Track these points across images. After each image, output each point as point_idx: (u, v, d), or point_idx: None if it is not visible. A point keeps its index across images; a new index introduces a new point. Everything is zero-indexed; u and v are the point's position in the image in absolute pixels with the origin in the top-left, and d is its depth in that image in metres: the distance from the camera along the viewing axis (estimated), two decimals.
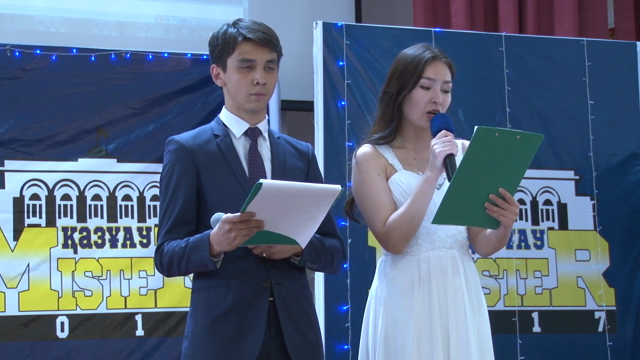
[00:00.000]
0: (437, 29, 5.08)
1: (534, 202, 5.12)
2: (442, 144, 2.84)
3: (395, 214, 2.92)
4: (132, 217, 4.83)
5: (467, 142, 3.10)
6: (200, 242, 2.69)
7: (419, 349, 2.90)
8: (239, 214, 2.56)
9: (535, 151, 2.79)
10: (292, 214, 2.59)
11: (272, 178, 2.81)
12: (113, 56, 4.89)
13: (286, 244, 2.69)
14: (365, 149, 3.05)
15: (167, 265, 2.77)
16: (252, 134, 2.88)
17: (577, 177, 5.17)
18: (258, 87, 2.81)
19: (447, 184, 2.91)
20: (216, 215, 2.64)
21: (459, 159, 2.98)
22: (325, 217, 2.68)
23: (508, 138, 2.74)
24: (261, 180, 2.49)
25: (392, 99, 3.02)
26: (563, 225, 5.14)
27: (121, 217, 4.82)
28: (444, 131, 2.88)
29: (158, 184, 4.79)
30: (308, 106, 5.00)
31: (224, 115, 2.91)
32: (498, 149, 2.73)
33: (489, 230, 2.96)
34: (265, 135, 2.91)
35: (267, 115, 2.97)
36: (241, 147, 2.86)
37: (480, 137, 2.70)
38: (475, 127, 2.71)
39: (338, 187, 2.60)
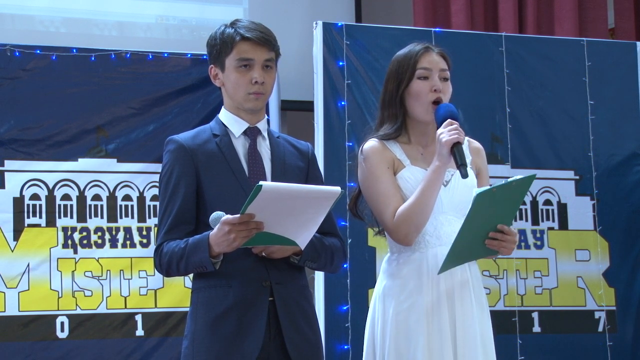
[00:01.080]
0: (437, 29, 5.08)
1: (534, 202, 5.12)
2: (449, 132, 2.84)
3: (404, 205, 2.91)
4: (132, 217, 4.83)
5: (473, 141, 3.12)
6: (199, 243, 2.69)
7: (430, 348, 2.90)
8: (238, 215, 2.56)
9: (528, 188, 2.89)
10: (291, 216, 2.59)
11: (272, 177, 2.82)
12: (113, 56, 4.89)
13: (285, 245, 2.69)
14: (372, 143, 3.04)
15: (167, 266, 2.77)
16: (252, 133, 2.88)
17: (577, 177, 5.17)
18: (257, 86, 2.81)
19: (453, 180, 2.93)
20: (215, 214, 2.64)
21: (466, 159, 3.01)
22: (326, 216, 2.68)
23: (504, 190, 2.79)
24: (261, 182, 2.49)
25: (393, 96, 3.02)
26: (563, 225, 5.14)
27: (121, 217, 4.82)
28: (449, 120, 2.88)
29: (158, 184, 4.82)
30: (308, 106, 5.00)
31: (223, 115, 2.91)
32: (496, 201, 2.77)
33: None
34: (265, 134, 2.91)
35: (266, 115, 2.97)
36: (240, 146, 2.86)
37: (479, 202, 2.73)
38: (475, 193, 2.73)
39: (337, 189, 2.60)
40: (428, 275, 2.95)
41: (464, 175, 2.81)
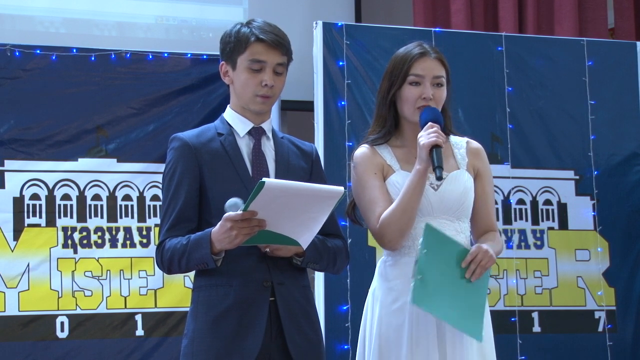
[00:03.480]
0: (437, 29, 5.08)
1: (534, 202, 5.12)
2: (427, 135, 2.84)
3: (388, 210, 2.92)
4: (132, 217, 4.83)
5: (472, 142, 3.12)
6: (201, 239, 2.69)
7: (413, 351, 2.90)
8: (241, 212, 2.56)
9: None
10: (294, 214, 2.59)
11: (276, 177, 2.81)
12: (113, 56, 4.89)
13: (288, 245, 2.69)
14: (362, 149, 3.06)
15: (168, 263, 2.77)
16: (256, 133, 2.88)
17: (577, 177, 5.17)
18: (265, 88, 2.82)
19: (445, 184, 2.95)
20: (232, 200, 2.63)
21: (461, 162, 3.04)
22: (329, 216, 2.68)
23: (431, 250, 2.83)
24: (264, 179, 2.49)
25: (384, 97, 3.04)
26: (563, 225, 5.14)
27: (121, 217, 4.82)
28: (430, 123, 2.88)
29: (158, 184, 4.82)
30: (308, 106, 5.00)
31: (228, 115, 2.91)
32: (438, 260, 2.82)
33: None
34: (269, 134, 2.91)
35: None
36: (245, 146, 2.87)
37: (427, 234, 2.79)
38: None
39: (341, 188, 2.60)
40: None
41: (438, 177, 2.81)
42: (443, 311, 2.85)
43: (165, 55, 4.98)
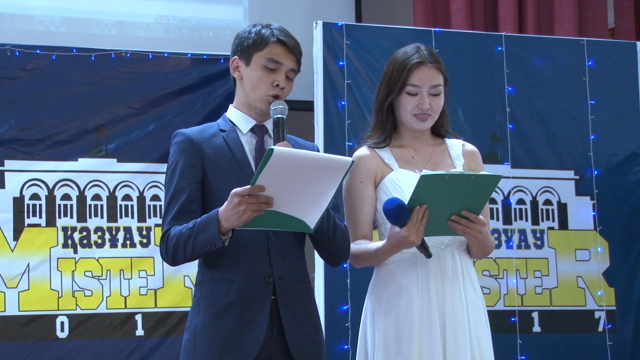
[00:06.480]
0: (437, 29, 5.08)
1: (534, 202, 5.12)
2: (416, 234, 2.81)
3: (359, 248, 3.00)
4: (132, 217, 4.83)
5: (467, 144, 3.15)
6: (208, 220, 2.66)
7: (420, 347, 2.91)
8: (248, 186, 2.54)
9: (494, 188, 2.87)
10: (301, 190, 2.56)
11: None
12: (113, 56, 4.89)
13: (294, 229, 2.68)
14: (361, 151, 3.10)
15: (173, 250, 2.74)
16: (259, 131, 2.90)
17: (577, 177, 5.17)
18: (277, 89, 2.85)
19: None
20: None
21: (457, 162, 3.08)
22: (331, 203, 2.66)
23: (460, 180, 2.77)
24: (272, 146, 2.49)
25: (382, 103, 3.08)
26: (563, 225, 5.14)
27: (121, 217, 4.82)
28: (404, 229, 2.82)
29: (158, 184, 4.82)
30: (308, 106, 5.00)
31: (231, 113, 2.93)
32: (452, 188, 2.76)
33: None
34: (271, 133, 2.92)
35: None
36: (247, 142, 2.88)
37: (423, 183, 2.72)
38: (420, 175, 2.73)
39: (349, 159, 2.59)
40: (418, 277, 2.96)
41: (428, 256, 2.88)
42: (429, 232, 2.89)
43: (166, 55, 4.98)
